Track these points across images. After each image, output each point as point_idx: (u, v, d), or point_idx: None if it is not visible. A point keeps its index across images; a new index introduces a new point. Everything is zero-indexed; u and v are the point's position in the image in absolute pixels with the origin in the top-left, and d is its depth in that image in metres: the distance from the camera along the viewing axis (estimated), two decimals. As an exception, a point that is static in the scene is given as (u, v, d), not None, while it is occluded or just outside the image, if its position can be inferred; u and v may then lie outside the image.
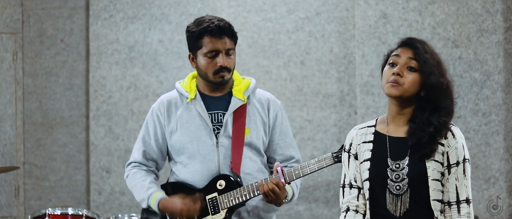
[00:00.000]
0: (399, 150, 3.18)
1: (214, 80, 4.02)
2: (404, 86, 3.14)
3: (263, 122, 4.09)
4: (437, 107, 3.17)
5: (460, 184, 3.16)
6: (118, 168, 6.39)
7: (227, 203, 3.97)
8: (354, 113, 6.08)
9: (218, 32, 3.96)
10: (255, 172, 4.06)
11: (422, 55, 3.16)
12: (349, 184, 3.29)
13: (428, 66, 3.14)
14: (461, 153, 3.18)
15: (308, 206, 6.14)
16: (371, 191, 3.22)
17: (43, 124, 6.61)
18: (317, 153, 6.09)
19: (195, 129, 4.05)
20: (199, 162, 4.03)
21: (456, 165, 3.16)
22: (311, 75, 6.16)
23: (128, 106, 6.42)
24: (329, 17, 6.13)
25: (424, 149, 3.14)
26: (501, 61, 5.77)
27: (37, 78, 6.61)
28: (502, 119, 5.79)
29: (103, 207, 6.41)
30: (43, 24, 6.60)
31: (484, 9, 5.79)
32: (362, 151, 3.26)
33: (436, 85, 3.14)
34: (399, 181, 3.16)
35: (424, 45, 3.20)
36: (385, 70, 3.21)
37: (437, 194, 3.16)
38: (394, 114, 3.23)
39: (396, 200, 3.16)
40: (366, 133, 3.28)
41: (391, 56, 3.21)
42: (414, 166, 3.16)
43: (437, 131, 3.15)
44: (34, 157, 6.61)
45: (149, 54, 6.40)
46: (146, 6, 6.41)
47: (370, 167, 3.22)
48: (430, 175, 3.15)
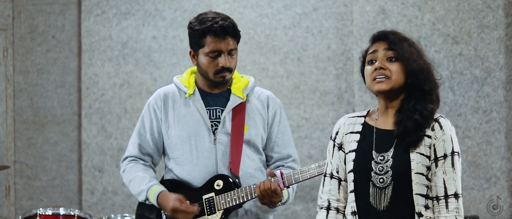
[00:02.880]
0: (385, 142, 3.17)
1: (214, 80, 4.02)
2: (392, 78, 3.15)
3: (262, 119, 4.08)
4: (423, 94, 3.16)
5: (448, 178, 3.11)
6: (111, 167, 6.39)
7: (224, 204, 3.96)
8: (352, 111, 6.07)
9: (222, 33, 3.96)
10: (254, 170, 4.04)
11: (397, 43, 3.17)
12: (330, 174, 3.29)
13: (406, 52, 3.15)
14: (449, 145, 3.13)
15: (305, 206, 6.13)
16: (355, 183, 3.19)
17: (34, 122, 6.61)
18: (314, 151, 6.09)
19: (193, 125, 4.03)
20: (196, 159, 4.01)
21: (443, 158, 3.12)
22: (308, 72, 6.15)
23: (121, 104, 6.42)
24: (327, 13, 6.12)
25: (410, 137, 3.11)
26: (502, 57, 5.77)
27: (28, 75, 6.60)
28: (503, 117, 5.78)
29: (96, 207, 6.40)
30: (34, 20, 6.60)
31: (485, 4, 5.79)
32: (348, 141, 3.25)
33: (417, 70, 3.14)
34: (383, 173, 3.13)
35: (396, 33, 3.21)
36: (366, 70, 3.20)
37: (420, 188, 3.11)
38: (384, 108, 3.22)
39: (380, 194, 3.13)
40: (354, 123, 3.27)
41: (368, 54, 3.21)
42: (398, 158, 3.12)
43: (423, 117, 3.12)
44: (25, 156, 6.61)
45: (143, 51, 6.39)
46: (140, 1, 6.40)
47: (354, 158, 3.19)
48: (413, 168, 3.10)
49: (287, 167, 4.09)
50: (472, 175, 5.76)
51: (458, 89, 5.74)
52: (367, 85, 3.19)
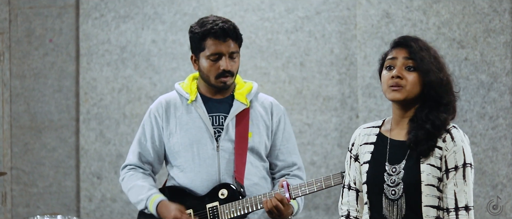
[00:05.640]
0: (398, 153, 3.17)
1: (216, 84, 4.00)
2: (407, 88, 3.14)
3: (266, 126, 4.06)
4: (437, 104, 3.14)
5: (459, 190, 3.10)
6: (109, 174, 6.36)
7: (228, 214, 3.94)
8: (355, 116, 6.05)
9: (222, 35, 3.95)
10: (258, 179, 4.03)
11: (418, 53, 3.14)
12: (348, 185, 3.32)
13: (425, 63, 3.13)
14: (461, 157, 3.12)
15: (308, 213, 6.11)
16: (369, 195, 3.21)
17: (31, 127, 6.58)
18: (317, 158, 6.06)
19: (195, 132, 4.01)
20: (198, 166, 3.98)
21: (454, 169, 3.11)
22: (311, 77, 6.12)
23: (120, 109, 6.38)
24: (330, 16, 6.09)
25: (421, 147, 3.11)
26: (509, 62, 5.73)
27: (25, 79, 6.58)
28: (510, 123, 5.74)
29: (94, 214, 6.38)
30: (31, 24, 6.58)
31: (491, 8, 5.76)
32: (363, 153, 3.26)
33: (435, 82, 3.14)
34: (395, 185, 3.14)
35: (418, 42, 3.18)
36: (383, 75, 3.20)
37: (431, 200, 3.11)
38: (399, 118, 3.22)
39: (392, 206, 3.14)
40: (369, 134, 3.27)
41: (387, 59, 3.20)
42: (409, 170, 3.13)
43: (434, 127, 3.12)
44: (21, 162, 6.59)
45: (142, 55, 6.36)
46: (139, 5, 6.36)
47: (368, 170, 3.20)
48: (423, 180, 3.10)
49: (293, 175, 4.09)
50: (477, 182, 5.75)
51: (463, 94, 5.74)
52: (383, 90, 3.19)
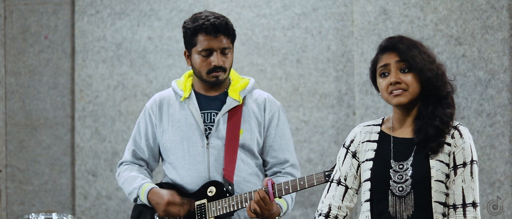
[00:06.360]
0: (403, 150, 3.18)
1: (208, 79, 4.01)
2: (409, 91, 3.15)
3: (258, 123, 4.05)
4: (439, 99, 3.15)
5: (466, 186, 3.12)
6: (105, 171, 6.35)
7: (215, 212, 3.94)
8: (352, 114, 6.03)
9: (213, 31, 3.96)
10: (249, 175, 4.02)
11: (408, 53, 3.15)
12: (338, 180, 3.30)
13: (418, 62, 3.14)
14: (469, 154, 3.15)
15: (304, 211, 6.08)
16: (371, 192, 3.19)
17: (26, 125, 6.56)
18: (314, 155, 6.04)
19: (186, 129, 4.02)
20: (188, 164, 4.00)
21: (462, 166, 3.13)
22: (307, 74, 6.10)
23: (115, 106, 6.37)
24: (327, 13, 6.07)
25: (431, 143, 3.12)
26: (506, 59, 5.71)
27: (20, 77, 6.56)
28: (508, 120, 5.72)
29: (89, 212, 6.36)
30: (26, 20, 6.55)
31: (489, 4, 5.73)
32: (364, 150, 3.25)
33: (433, 77, 3.14)
34: (402, 182, 3.14)
35: (404, 41, 3.18)
36: (380, 83, 3.20)
37: (439, 196, 3.13)
38: (401, 117, 3.23)
39: (399, 203, 3.14)
40: (371, 132, 3.27)
41: (379, 67, 3.19)
42: (418, 166, 3.14)
43: (443, 123, 3.14)
44: (16, 159, 6.56)
45: (138, 52, 6.34)
46: (135, 1, 6.35)
47: (372, 167, 3.19)
48: (433, 175, 3.12)
49: (285, 173, 4.07)
50: (476, 180, 5.75)
51: (461, 91, 5.74)
52: (384, 98, 3.19)
